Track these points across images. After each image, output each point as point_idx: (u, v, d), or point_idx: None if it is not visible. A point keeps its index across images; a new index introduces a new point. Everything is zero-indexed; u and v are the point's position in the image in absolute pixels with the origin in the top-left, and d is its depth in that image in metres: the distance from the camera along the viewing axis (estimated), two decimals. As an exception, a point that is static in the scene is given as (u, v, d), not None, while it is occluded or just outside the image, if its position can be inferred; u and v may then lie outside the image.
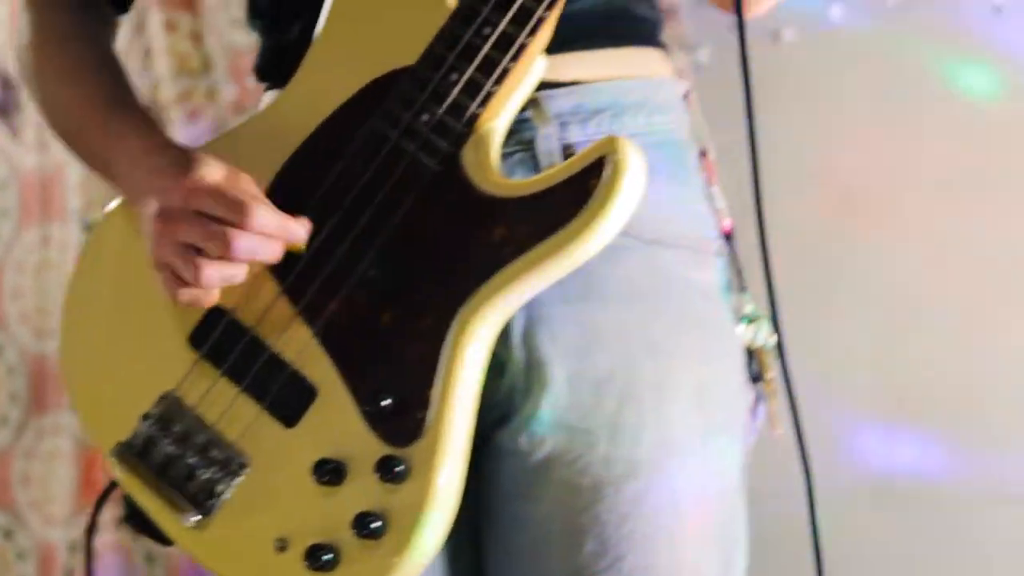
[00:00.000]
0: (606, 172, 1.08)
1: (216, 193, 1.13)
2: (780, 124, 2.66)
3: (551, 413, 1.19)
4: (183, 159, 1.17)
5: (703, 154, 1.30)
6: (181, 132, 2.69)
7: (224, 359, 1.17)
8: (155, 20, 2.80)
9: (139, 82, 2.85)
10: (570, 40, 1.19)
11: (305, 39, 1.22)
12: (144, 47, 2.84)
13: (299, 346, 1.15)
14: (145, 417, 1.19)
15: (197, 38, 2.80)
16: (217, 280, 1.14)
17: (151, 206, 1.16)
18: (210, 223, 1.12)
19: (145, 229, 1.18)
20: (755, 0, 1.27)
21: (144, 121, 1.26)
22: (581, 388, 1.19)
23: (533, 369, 1.19)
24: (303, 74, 1.21)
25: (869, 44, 2.55)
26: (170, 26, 2.78)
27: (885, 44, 2.57)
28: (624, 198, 1.09)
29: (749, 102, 1.04)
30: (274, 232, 1.13)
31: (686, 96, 1.30)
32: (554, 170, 1.13)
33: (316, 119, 1.18)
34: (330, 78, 1.19)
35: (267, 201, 1.14)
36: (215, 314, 1.18)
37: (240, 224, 1.11)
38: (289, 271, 1.15)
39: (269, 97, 1.32)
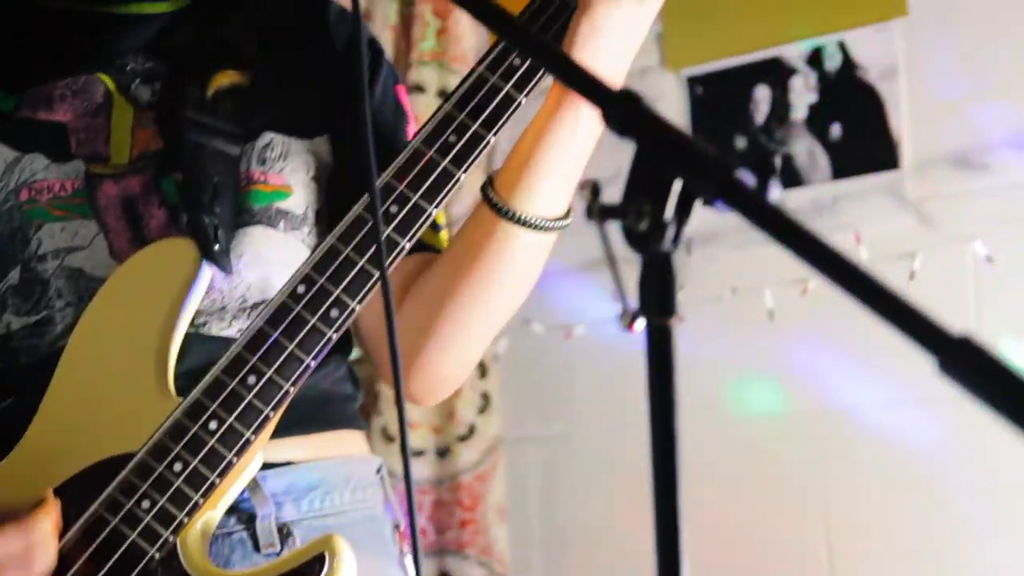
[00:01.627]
0: (325, 569, 1.15)
1: None
2: (579, 413, 2.74)
3: None
4: None
5: (396, 527, 1.37)
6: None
7: None
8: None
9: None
10: (288, 427, 1.25)
11: (12, 414, 1.23)
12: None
13: None
14: None
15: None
16: None
17: None
18: None
19: None
20: (426, 392, 1.34)
21: None
22: None
23: None
24: (27, 445, 1.21)
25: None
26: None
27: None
28: None
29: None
30: None
31: (379, 471, 1.37)
32: (274, 563, 1.19)
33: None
34: (52, 455, 1.20)
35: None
36: None
37: None
38: None
39: None
